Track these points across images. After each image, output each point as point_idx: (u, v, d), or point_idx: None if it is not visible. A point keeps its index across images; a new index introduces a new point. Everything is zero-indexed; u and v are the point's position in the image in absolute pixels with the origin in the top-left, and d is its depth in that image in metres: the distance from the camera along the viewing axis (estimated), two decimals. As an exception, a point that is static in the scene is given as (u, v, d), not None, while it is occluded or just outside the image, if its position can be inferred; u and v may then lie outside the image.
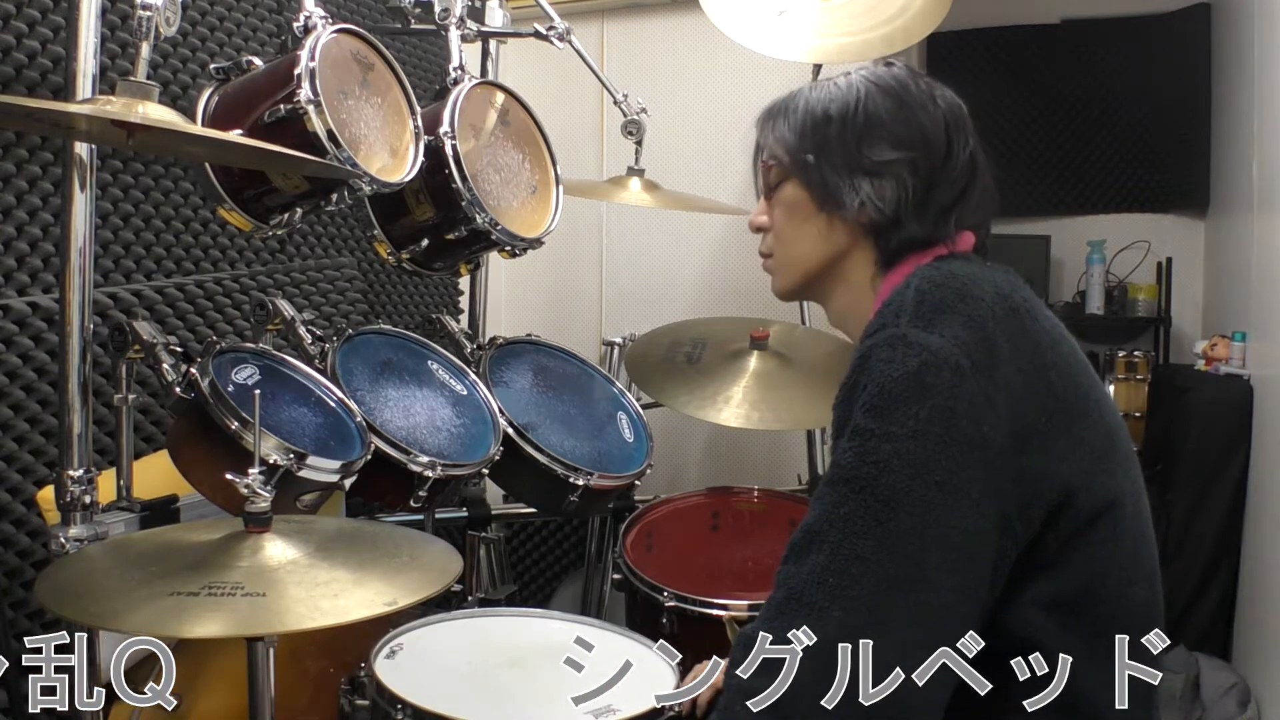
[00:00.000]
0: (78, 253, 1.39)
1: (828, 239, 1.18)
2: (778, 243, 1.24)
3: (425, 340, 1.95)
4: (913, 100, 1.14)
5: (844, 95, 1.16)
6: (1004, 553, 0.99)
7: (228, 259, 2.07)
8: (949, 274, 1.08)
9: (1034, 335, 1.07)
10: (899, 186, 1.12)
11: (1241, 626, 2.74)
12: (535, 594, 2.97)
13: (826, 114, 1.16)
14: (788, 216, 1.21)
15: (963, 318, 1.02)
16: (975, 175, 1.16)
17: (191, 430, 1.46)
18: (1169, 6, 3.70)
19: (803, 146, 1.17)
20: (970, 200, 1.15)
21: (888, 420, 0.97)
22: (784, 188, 1.20)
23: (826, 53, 2.18)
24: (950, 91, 1.19)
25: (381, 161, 1.62)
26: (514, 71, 2.55)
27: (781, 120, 1.20)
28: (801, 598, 0.96)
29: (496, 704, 1.31)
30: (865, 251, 1.17)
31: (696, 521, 2.18)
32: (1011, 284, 1.11)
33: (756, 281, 2.79)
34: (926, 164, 1.13)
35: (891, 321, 1.03)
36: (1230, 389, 2.78)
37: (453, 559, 1.30)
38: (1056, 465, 1.01)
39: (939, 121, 1.14)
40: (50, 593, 1.17)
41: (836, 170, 1.14)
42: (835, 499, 0.98)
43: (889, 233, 1.14)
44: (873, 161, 1.12)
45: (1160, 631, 1.08)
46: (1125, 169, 3.87)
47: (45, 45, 1.63)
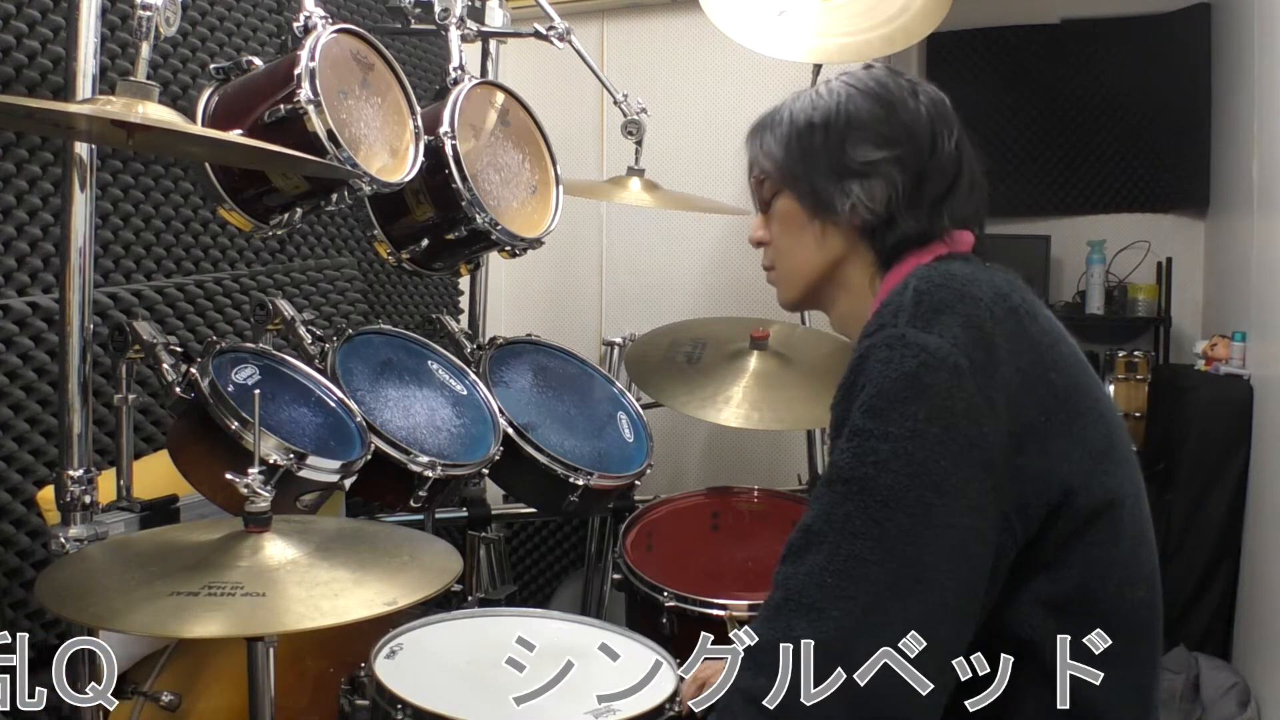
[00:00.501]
0: (78, 253, 1.39)
1: (824, 246, 1.19)
2: (778, 255, 1.25)
3: (425, 340, 1.95)
4: (893, 98, 1.15)
5: (825, 102, 1.17)
6: (1003, 552, 0.99)
7: (228, 259, 2.07)
8: (947, 274, 1.08)
9: (1033, 335, 1.07)
10: (888, 185, 1.13)
11: (1241, 626, 2.74)
12: (535, 594, 2.97)
13: (810, 122, 1.17)
14: (784, 228, 1.22)
15: (961, 318, 1.02)
16: (963, 166, 1.16)
17: (191, 430, 1.46)
18: (1169, 6, 3.70)
19: (789, 158, 1.18)
20: (959, 191, 1.15)
21: (886, 420, 0.98)
22: (777, 200, 1.22)
23: (826, 53, 2.18)
24: (932, 86, 1.19)
25: (381, 161, 1.62)
26: (514, 71, 2.55)
27: (768, 134, 1.21)
28: (800, 598, 0.96)
29: (496, 704, 1.31)
30: (863, 254, 1.18)
31: (696, 521, 2.18)
32: (1010, 284, 1.11)
33: (756, 281, 2.78)
34: (914, 159, 1.13)
35: (890, 322, 1.03)
36: (1230, 389, 2.78)
37: (453, 559, 1.30)
38: (1055, 465, 1.01)
39: (920, 116, 1.15)
40: (50, 593, 1.17)
41: (825, 177, 1.15)
42: (833, 499, 0.98)
43: (884, 232, 1.15)
44: (859, 163, 1.13)
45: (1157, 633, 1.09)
46: (1125, 169, 3.87)
47: (45, 45, 1.63)
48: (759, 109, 1.25)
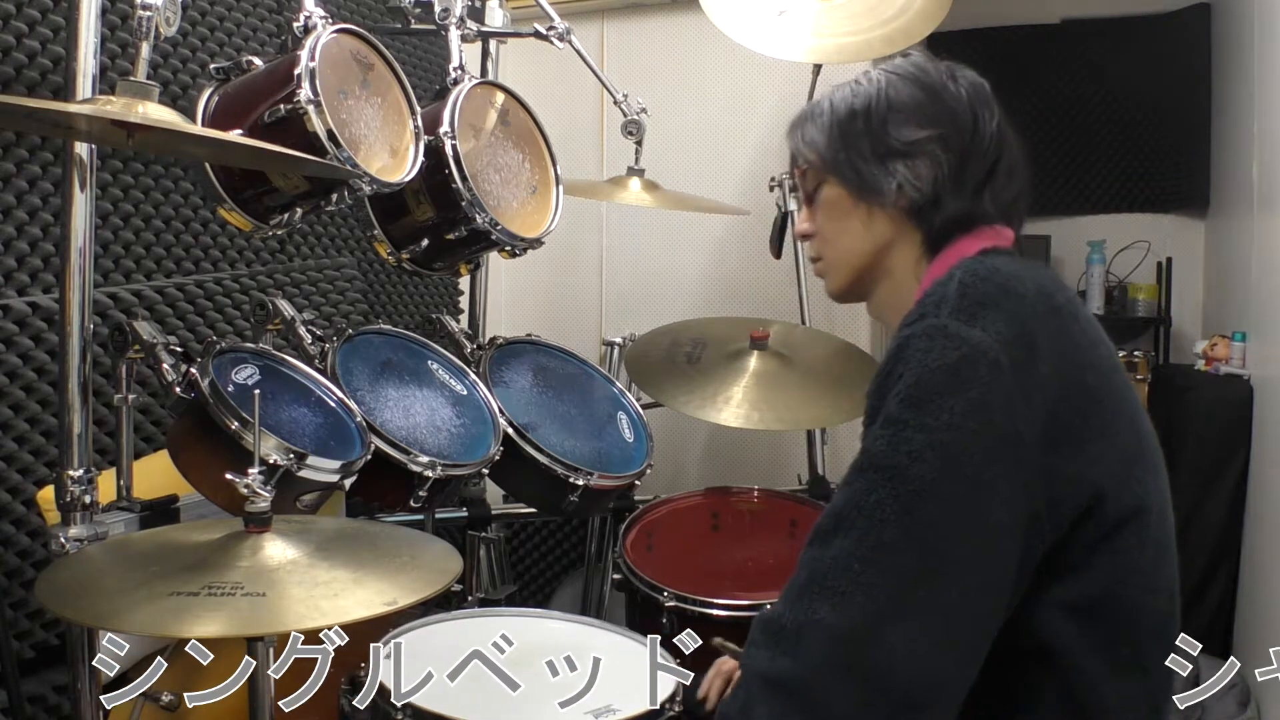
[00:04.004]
0: (78, 253, 1.39)
1: (871, 230, 1.18)
2: (824, 244, 1.24)
3: (425, 340, 1.95)
4: (933, 81, 1.16)
5: (866, 89, 1.17)
6: (1030, 551, 0.99)
7: (228, 259, 2.07)
8: (993, 269, 1.07)
9: (1073, 336, 1.06)
10: (933, 163, 1.13)
11: (1242, 626, 2.74)
12: (535, 594, 2.97)
13: (851, 109, 1.17)
14: (829, 216, 1.22)
15: (1005, 313, 1.02)
16: (1003, 149, 1.16)
17: (191, 430, 1.46)
18: (1169, 6, 3.70)
19: (832, 145, 1.18)
20: (999, 174, 1.15)
21: (923, 411, 0.97)
22: (822, 189, 1.21)
23: (826, 53, 2.18)
24: (971, 71, 1.19)
25: (381, 161, 1.62)
26: (514, 71, 2.55)
27: (809, 125, 1.21)
28: (825, 581, 0.96)
29: (496, 704, 1.31)
30: (910, 238, 1.17)
31: (696, 521, 2.18)
32: (1055, 283, 1.11)
33: (756, 281, 2.81)
34: (956, 139, 1.13)
35: (932, 312, 1.03)
36: (1230, 389, 2.78)
37: (453, 559, 1.30)
38: (1088, 468, 1.01)
39: (961, 98, 1.15)
40: (50, 593, 1.17)
41: (868, 160, 1.15)
42: (865, 486, 0.98)
43: (930, 213, 1.14)
44: (903, 143, 1.13)
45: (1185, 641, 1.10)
46: (1125, 169, 3.87)
47: (45, 45, 1.63)
48: (759, 109, 1.25)
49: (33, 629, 1.63)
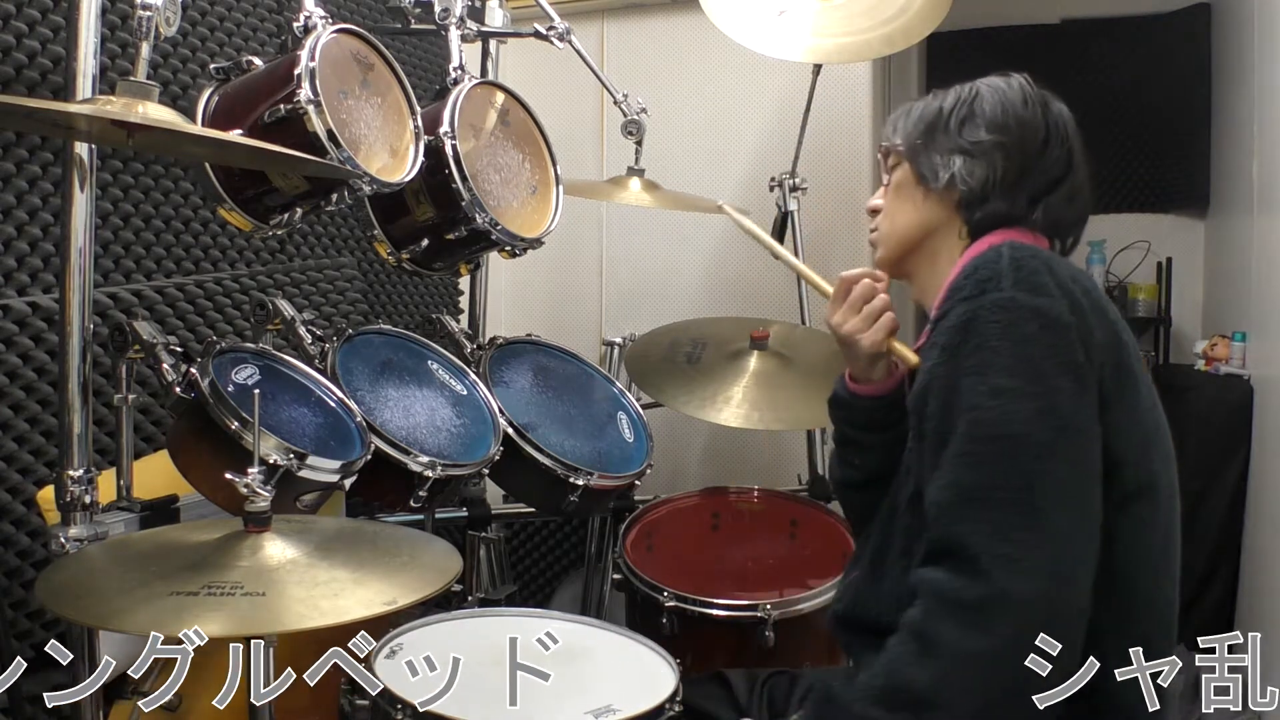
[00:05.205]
0: (78, 253, 1.39)
1: (922, 211, 1.33)
2: (884, 218, 1.38)
3: (425, 340, 1.95)
4: (1015, 99, 1.28)
5: (960, 94, 1.31)
6: None
7: (228, 259, 2.07)
8: (1034, 250, 1.20)
9: (1109, 313, 1.19)
10: (989, 167, 1.26)
11: (1242, 626, 2.74)
12: (535, 594, 2.97)
13: (940, 107, 1.31)
14: (895, 194, 1.37)
15: (1058, 286, 1.14)
16: (1070, 172, 1.29)
17: (191, 430, 1.46)
18: (1169, 6, 3.70)
19: (914, 132, 1.33)
20: (1060, 194, 1.28)
21: (1022, 378, 1.09)
22: (896, 171, 1.36)
23: (826, 53, 2.18)
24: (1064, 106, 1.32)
25: (381, 161, 1.62)
26: (514, 71, 2.55)
27: (904, 116, 1.36)
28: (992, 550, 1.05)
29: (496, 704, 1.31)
30: (954, 226, 1.31)
31: (696, 521, 2.18)
32: (1085, 275, 1.24)
33: (756, 281, 2.81)
34: (1019, 150, 1.26)
35: (992, 287, 1.13)
36: (1230, 389, 2.78)
37: (453, 559, 1.30)
38: (1114, 435, 1.13)
39: (1037, 117, 1.28)
40: (50, 593, 1.16)
41: (939, 150, 1.30)
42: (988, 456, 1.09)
43: (975, 207, 1.28)
44: (969, 142, 1.27)
45: None
46: (1125, 169, 3.87)
47: (45, 45, 1.63)
48: (759, 109, 1.28)
49: (33, 629, 1.63)
